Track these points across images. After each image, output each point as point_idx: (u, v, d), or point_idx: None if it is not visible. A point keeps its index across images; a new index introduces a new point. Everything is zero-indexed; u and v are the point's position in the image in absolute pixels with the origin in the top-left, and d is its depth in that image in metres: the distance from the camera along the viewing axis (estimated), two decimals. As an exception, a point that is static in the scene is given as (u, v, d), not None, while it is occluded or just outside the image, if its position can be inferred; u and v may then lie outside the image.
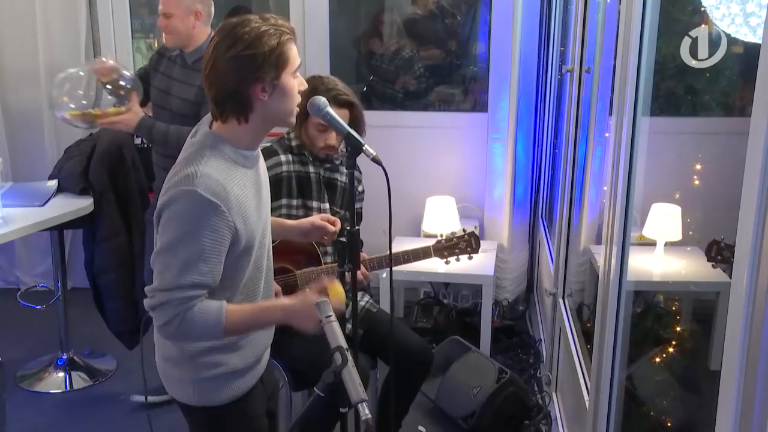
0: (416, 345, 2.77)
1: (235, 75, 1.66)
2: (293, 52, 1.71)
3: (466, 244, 2.69)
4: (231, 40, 1.66)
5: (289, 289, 2.53)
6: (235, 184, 1.71)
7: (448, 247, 2.69)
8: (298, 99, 1.76)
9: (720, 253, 2.32)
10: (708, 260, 2.36)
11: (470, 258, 2.72)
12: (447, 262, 2.71)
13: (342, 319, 1.97)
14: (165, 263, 1.67)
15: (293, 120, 1.79)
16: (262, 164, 1.90)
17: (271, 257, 1.95)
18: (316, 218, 2.11)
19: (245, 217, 1.72)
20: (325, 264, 2.62)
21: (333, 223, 2.10)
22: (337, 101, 2.50)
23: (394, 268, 2.16)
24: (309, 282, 2.54)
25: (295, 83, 1.74)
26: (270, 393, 2.08)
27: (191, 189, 1.63)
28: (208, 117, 1.80)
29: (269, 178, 2.50)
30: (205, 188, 1.64)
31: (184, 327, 1.68)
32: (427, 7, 4.54)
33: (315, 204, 2.62)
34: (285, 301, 1.83)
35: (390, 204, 1.81)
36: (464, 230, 2.75)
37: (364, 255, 2.56)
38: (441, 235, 2.73)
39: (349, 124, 2.48)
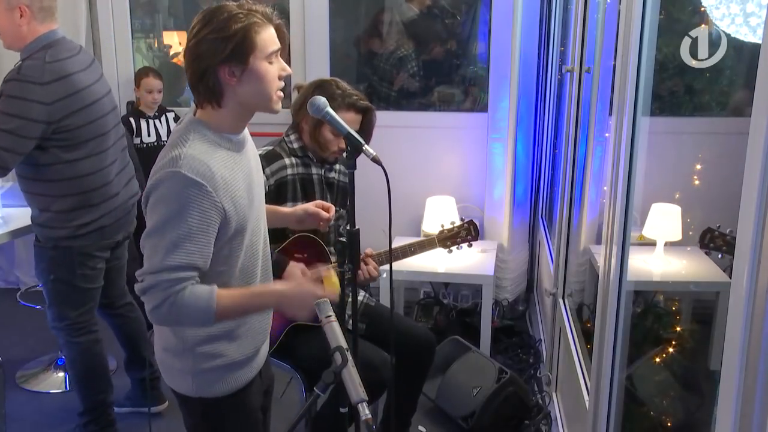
0: (418, 330, 2.84)
1: (203, 58, 1.68)
2: (263, 36, 1.70)
3: (466, 232, 2.76)
4: (202, 24, 1.69)
5: None
6: (221, 165, 1.72)
7: (451, 237, 2.75)
8: (276, 84, 1.75)
9: (713, 240, 2.34)
10: (701, 247, 2.38)
11: (470, 246, 2.79)
12: (450, 251, 2.78)
13: (343, 316, 1.97)
14: (153, 246, 1.69)
15: (274, 106, 1.78)
16: (252, 150, 1.91)
17: (268, 244, 1.95)
18: (309, 205, 2.11)
19: (234, 198, 1.73)
20: (334, 263, 2.62)
21: (327, 210, 2.11)
22: (357, 107, 2.52)
23: (395, 266, 2.17)
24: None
25: (272, 68, 1.73)
26: (266, 389, 2.09)
27: (176, 170, 1.65)
28: (193, 105, 1.82)
29: (274, 182, 2.51)
30: (189, 169, 1.65)
31: (174, 311, 1.68)
32: (424, 4, 4.53)
33: None
34: (279, 287, 1.83)
35: (390, 204, 1.81)
36: (462, 219, 2.83)
37: (371, 250, 2.59)
38: (442, 225, 2.77)
39: (361, 129, 2.50)
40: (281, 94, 1.78)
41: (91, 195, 2.78)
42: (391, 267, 2.05)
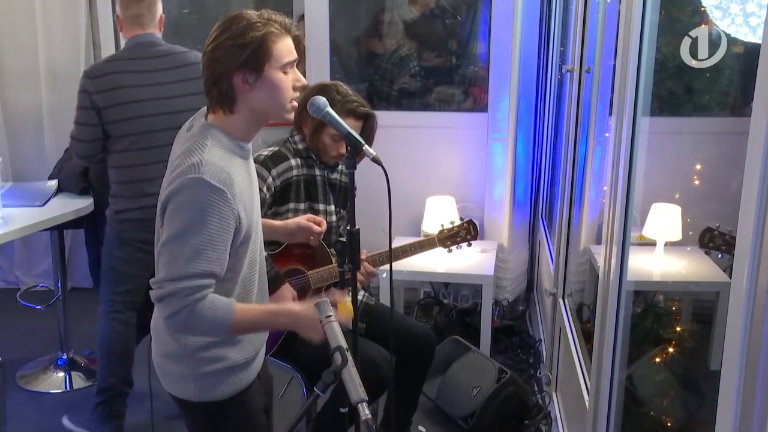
0: (418, 329, 2.84)
1: (218, 63, 1.70)
2: (280, 46, 1.71)
3: (465, 231, 2.77)
4: (221, 30, 1.71)
5: (301, 289, 2.53)
6: (236, 173, 1.73)
7: (451, 237, 2.76)
8: (291, 94, 1.76)
9: (712, 240, 2.34)
10: (700, 247, 2.38)
11: (469, 245, 2.80)
12: (450, 251, 2.78)
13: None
14: (173, 253, 1.68)
15: (287, 115, 1.79)
16: (251, 159, 1.91)
17: (263, 252, 1.96)
18: (301, 219, 2.12)
19: (245, 205, 1.75)
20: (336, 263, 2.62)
21: (319, 224, 2.11)
22: (356, 113, 2.51)
23: (395, 266, 2.17)
24: (321, 282, 2.55)
25: (286, 78, 1.74)
26: (265, 389, 2.09)
27: (198, 177, 1.65)
28: (202, 110, 1.83)
29: (280, 183, 2.52)
30: (211, 176, 1.66)
31: (191, 319, 1.68)
32: (427, 6, 4.53)
33: (321, 206, 2.62)
34: (295, 307, 1.84)
35: (390, 204, 1.81)
36: (462, 219, 2.83)
37: (365, 253, 2.56)
38: (442, 225, 2.78)
39: (362, 135, 2.49)
40: (295, 103, 1.79)
41: (125, 187, 2.99)
42: (391, 267, 2.05)
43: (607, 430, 2.19)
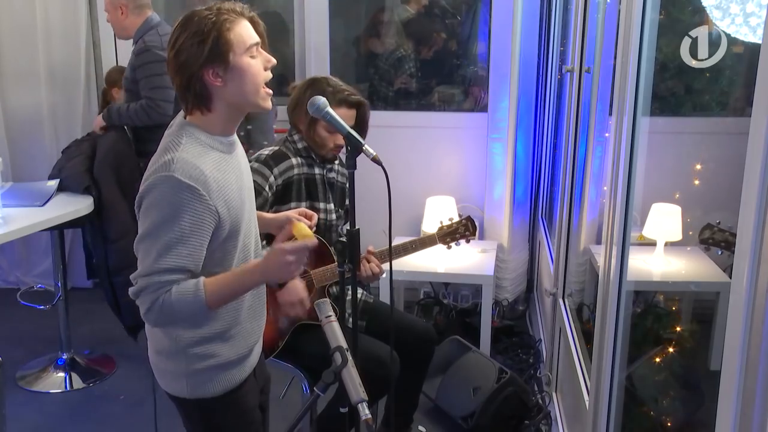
0: (418, 324, 2.86)
1: (185, 66, 1.70)
2: (237, 32, 1.71)
3: (464, 228, 2.79)
4: (177, 34, 1.71)
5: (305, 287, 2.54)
6: (213, 167, 1.73)
7: (450, 233, 2.78)
8: (262, 75, 1.76)
9: (712, 236, 2.34)
10: (700, 242, 2.38)
11: (468, 242, 2.82)
12: (449, 248, 2.80)
13: (343, 315, 1.97)
14: (146, 249, 1.70)
15: (262, 102, 1.78)
16: (241, 153, 1.92)
17: (260, 247, 1.96)
18: (292, 212, 2.12)
19: (227, 200, 1.74)
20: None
21: (309, 218, 2.11)
22: (348, 102, 2.52)
23: (395, 266, 2.17)
24: (324, 280, 2.55)
25: (255, 62, 1.74)
26: (262, 387, 2.09)
27: (169, 174, 1.66)
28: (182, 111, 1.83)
29: (282, 182, 2.52)
30: (182, 173, 1.66)
31: (165, 310, 1.70)
32: (421, 3, 4.53)
33: (322, 205, 2.62)
34: (257, 260, 1.84)
35: (390, 204, 1.81)
36: (460, 215, 2.85)
37: (372, 247, 2.59)
38: (441, 222, 2.79)
39: (356, 124, 2.51)
40: (270, 91, 1.79)
41: None
42: (391, 266, 2.05)
43: (607, 430, 2.19)
